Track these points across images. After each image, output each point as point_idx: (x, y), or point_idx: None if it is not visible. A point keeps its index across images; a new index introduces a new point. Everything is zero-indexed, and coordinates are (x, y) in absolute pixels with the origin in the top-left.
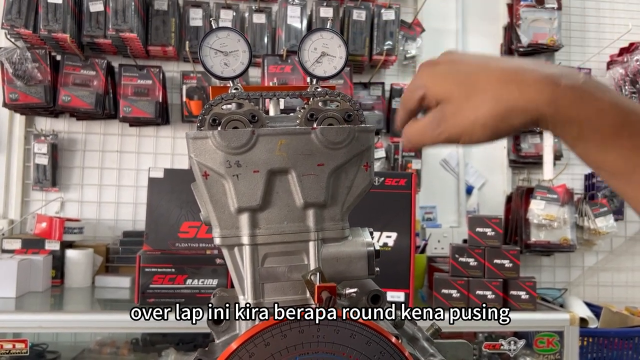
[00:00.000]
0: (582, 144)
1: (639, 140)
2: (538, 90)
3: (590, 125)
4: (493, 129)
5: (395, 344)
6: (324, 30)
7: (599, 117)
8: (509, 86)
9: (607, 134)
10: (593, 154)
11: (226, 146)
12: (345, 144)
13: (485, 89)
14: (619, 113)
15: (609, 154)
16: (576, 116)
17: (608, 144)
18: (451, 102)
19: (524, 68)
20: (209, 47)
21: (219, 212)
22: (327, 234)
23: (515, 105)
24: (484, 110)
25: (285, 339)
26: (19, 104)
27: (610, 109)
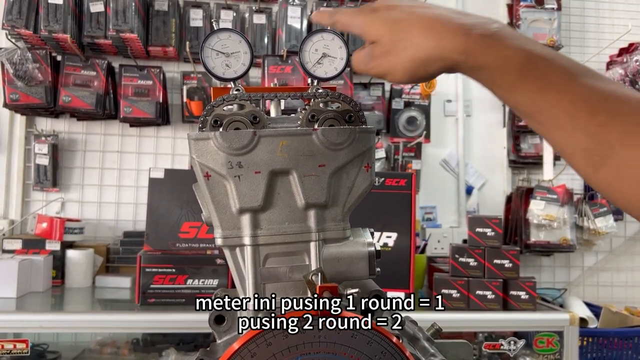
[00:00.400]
0: (495, 88)
1: (543, 82)
2: (451, 39)
3: (499, 70)
4: (412, 72)
5: (397, 344)
6: (325, 31)
7: (506, 62)
8: (428, 35)
9: (513, 79)
10: (506, 97)
11: (228, 147)
12: (346, 145)
13: (408, 36)
14: (525, 57)
15: (518, 96)
16: (485, 62)
17: (516, 86)
18: (380, 44)
19: (443, 18)
20: (211, 48)
21: (220, 212)
22: (328, 234)
23: (431, 53)
24: (405, 55)
25: (287, 339)
26: (20, 104)
27: (516, 55)
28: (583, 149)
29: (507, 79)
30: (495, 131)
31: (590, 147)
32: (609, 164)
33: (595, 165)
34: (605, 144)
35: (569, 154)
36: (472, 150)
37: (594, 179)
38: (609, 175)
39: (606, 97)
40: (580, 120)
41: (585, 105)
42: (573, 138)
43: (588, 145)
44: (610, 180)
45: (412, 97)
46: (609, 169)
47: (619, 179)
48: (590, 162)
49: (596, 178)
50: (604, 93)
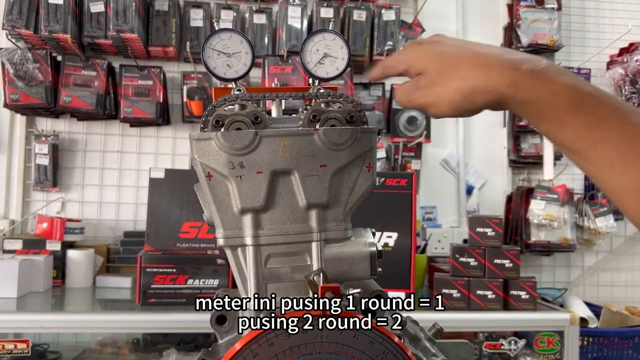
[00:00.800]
0: (543, 123)
1: (593, 118)
2: (500, 73)
3: (548, 105)
4: (458, 104)
5: (398, 344)
6: (326, 31)
7: (556, 97)
8: (476, 68)
9: (564, 113)
10: (553, 132)
11: (229, 147)
12: (347, 145)
13: (456, 69)
14: (575, 93)
15: (567, 132)
16: (534, 97)
17: (566, 122)
18: (426, 75)
19: (492, 53)
20: (212, 48)
21: (222, 212)
22: (330, 234)
23: (479, 86)
24: (452, 87)
25: (289, 339)
26: (20, 104)
27: (566, 90)
28: (634, 189)
29: (557, 114)
30: (495, 131)
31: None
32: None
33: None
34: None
35: (619, 195)
36: (473, 150)
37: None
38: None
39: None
40: (632, 158)
41: (637, 142)
42: (624, 177)
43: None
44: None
45: None
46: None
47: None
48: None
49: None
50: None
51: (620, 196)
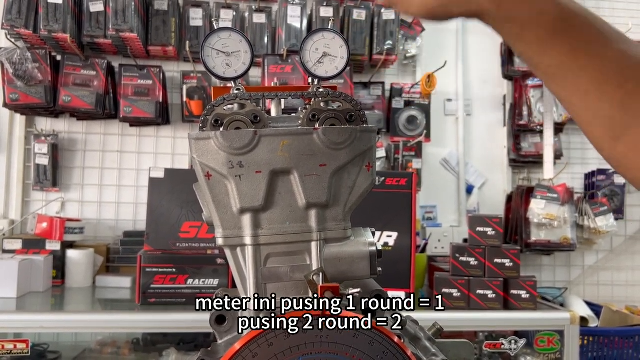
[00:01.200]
0: (521, 44)
1: (575, 42)
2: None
3: (530, 24)
4: (430, 8)
5: (398, 344)
6: (326, 30)
7: (540, 16)
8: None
9: (545, 35)
10: (531, 54)
11: (229, 147)
12: (347, 145)
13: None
14: (559, 13)
15: (545, 54)
16: (517, 14)
17: (546, 43)
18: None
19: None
20: (211, 47)
21: (221, 212)
22: (330, 234)
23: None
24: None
25: (289, 339)
26: (20, 104)
27: (551, 10)
28: (606, 117)
29: (538, 34)
30: (495, 130)
31: (614, 115)
32: (630, 134)
33: (616, 135)
34: (631, 114)
35: (588, 122)
36: (473, 149)
37: (610, 149)
38: (627, 147)
39: (638, 64)
40: (608, 88)
41: (615, 71)
42: (597, 104)
43: (612, 114)
44: (627, 153)
45: (412, 96)
46: (629, 139)
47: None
48: (610, 132)
49: (613, 149)
50: (637, 59)
51: (589, 124)
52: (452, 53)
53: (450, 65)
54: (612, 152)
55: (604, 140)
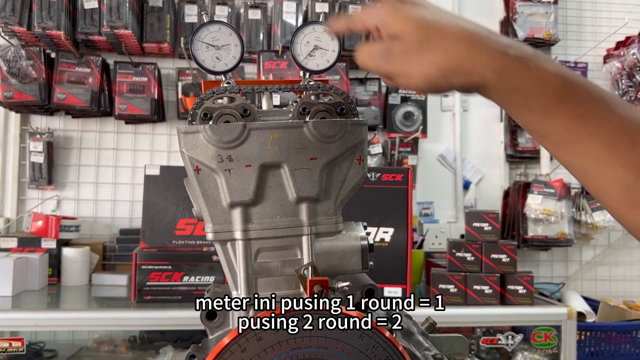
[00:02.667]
0: (526, 113)
1: (581, 109)
2: (487, 56)
3: (534, 94)
4: (433, 81)
5: (389, 338)
6: (317, 23)
7: (543, 85)
8: (462, 46)
9: (550, 103)
10: (537, 123)
11: (218, 140)
12: (338, 138)
13: (440, 41)
14: (562, 82)
15: (552, 122)
16: (520, 85)
17: (551, 112)
18: (404, 42)
19: (480, 32)
20: (201, 41)
21: (211, 207)
22: (321, 228)
23: (461, 65)
24: (430, 60)
25: (277, 334)
26: (14, 102)
27: (553, 79)
28: (620, 183)
29: (543, 104)
30: (492, 126)
31: (629, 181)
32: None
33: (633, 202)
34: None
35: (602, 189)
36: (469, 145)
37: (628, 216)
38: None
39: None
40: (619, 152)
41: (624, 136)
42: (610, 171)
43: (626, 179)
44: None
45: (408, 92)
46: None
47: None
48: (627, 198)
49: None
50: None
51: (604, 191)
52: None
53: None
54: (631, 220)
55: (621, 208)
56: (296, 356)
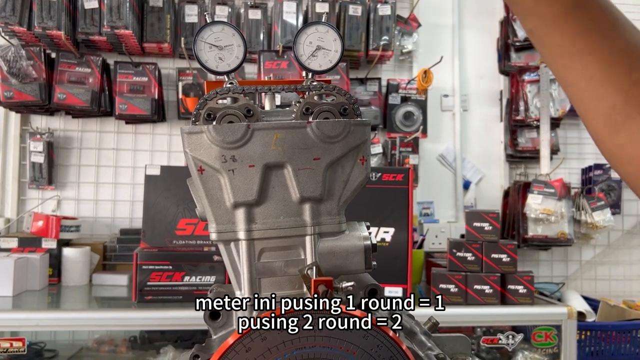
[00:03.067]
0: (534, 19)
1: (589, 24)
2: None
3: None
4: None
5: (393, 338)
6: (319, 23)
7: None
8: None
9: (560, 11)
10: (542, 31)
11: (221, 141)
12: (341, 138)
13: None
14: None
15: (557, 32)
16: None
17: (559, 22)
18: None
19: None
20: (204, 41)
21: (214, 207)
22: (324, 228)
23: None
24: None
25: (282, 334)
26: (14, 102)
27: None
28: (608, 104)
29: (552, 10)
30: (492, 125)
31: (616, 104)
32: (631, 125)
33: (616, 126)
34: (634, 104)
35: (588, 109)
36: (469, 144)
37: (609, 141)
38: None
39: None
40: (614, 74)
41: (624, 58)
42: (601, 91)
43: (614, 102)
44: (625, 145)
45: (408, 92)
46: (629, 131)
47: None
48: (610, 122)
49: (611, 140)
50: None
51: (591, 112)
52: (448, 48)
53: (446, 60)
54: (610, 145)
55: (604, 132)
56: (300, 356)
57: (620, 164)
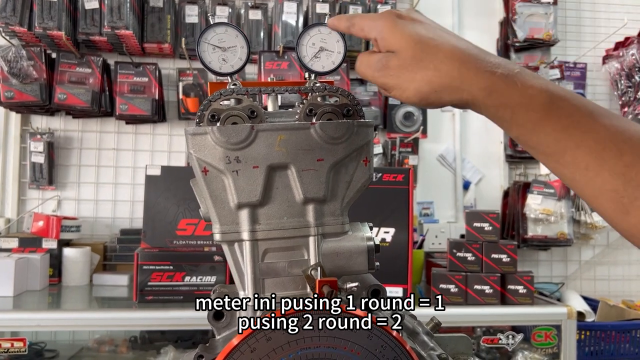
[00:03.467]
0: (515, 127)
1: (567, 121)
2: (475, 74)
3: (522, 109)
4: (424, 96)
5: (397, 338)
6: (322, 25)
7: (530, 101)
8: (452, 64)
9: (538, 117)
10: (526, 136)
11: (225, 142)
12: (344, 139)
13: (432, 58)
14: (548, 97)
15: (540, 135)
16: (508, 101)
17: (539, 126)
18: (399, 57)
19: (470, 51)
20: (207, 42)
21: (218, 208)
22: (327, 229)
23: (451, 83)
24: (423, 77)
25: (287, 334)
26: (15, 102)
27: (540, 94)
28: (610, 190)
29: (531, 118)
30: (491, 126)
31: (618, 188)
32: (638, 205)
33: (624, 208)
34: (634, 185)
35: (594, 197)
36: (469, 145)
37: (622, 222)
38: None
39: (630, 137)
40: (606, 161)
41: (610, 145)
42: (599, 179)
43: (616, 187)
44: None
45: None
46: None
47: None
48: (618, 205)
49: (625, 222)
50: (628, 133)
51: (596, 198)
52: None
53: None
54: (624, 225)
55: (615, 215)
56: (305, 356)
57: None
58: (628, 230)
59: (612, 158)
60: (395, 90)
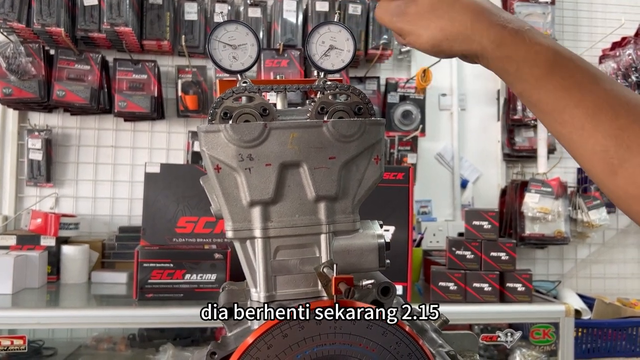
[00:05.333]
0: (519, 82)
1: (569, 81)
2: (487, 26)
3: (527, 64)
4: (437, 43)
5: (411, 334)
6: (332, 23)
7: (536, 56)
8: (466, 15)
9: (542, 73)
10: (528, 92)
11: (238, 139)
12: (356, 137)
13: (449, 8)
14: (554, 55)
15: (542, 92)
16: (515, 54)
17: (542, 82)
18: (417, 4)
19: (484, 6)
20: (218, 40)
21: (231, 205)
22: (339, 226)
23: (464, 32)
24: (437, 25)
25: (303, 331)
26: (13, 98)
27: (546, 51)
28: (601, 151)
29: (535, 73)
30: (489, 125)
31: (609, 149)
32: (626, 167)
33: (613, 169)
34: (625, 147)
35: (585, 157)
36: (467, 143)
37: (609, 183)
38: (625, 180)
39: (628, 102)
40: (601, 122)
41: (607, 107)
42: (592, 139)
43: (607, 148)
44: (625, 186)
45: (407, 91)
46: (626, 173)
47: (636, 185)
48: (607, 166)
49: (612, 183)
50: (626, 98)
51: (588, 159)
52: None
53: (444, 60)
54: (611, 187)
55: (603, 175)
56: (321, 352)
57: (627, 205)
58: (614, 192)
59: (607, 120)
60: (410, 36)
